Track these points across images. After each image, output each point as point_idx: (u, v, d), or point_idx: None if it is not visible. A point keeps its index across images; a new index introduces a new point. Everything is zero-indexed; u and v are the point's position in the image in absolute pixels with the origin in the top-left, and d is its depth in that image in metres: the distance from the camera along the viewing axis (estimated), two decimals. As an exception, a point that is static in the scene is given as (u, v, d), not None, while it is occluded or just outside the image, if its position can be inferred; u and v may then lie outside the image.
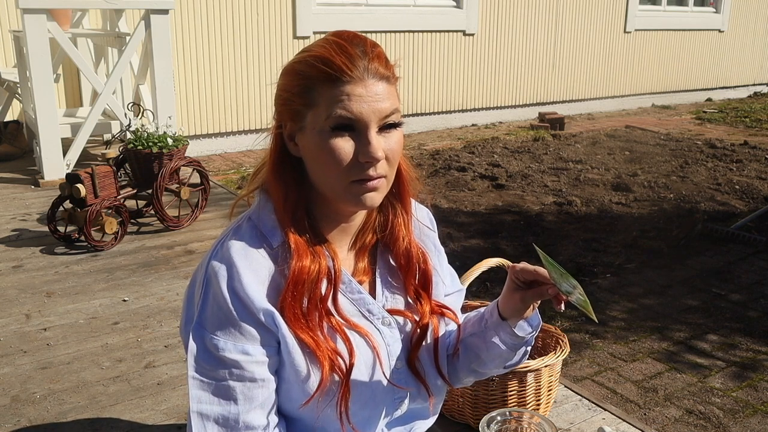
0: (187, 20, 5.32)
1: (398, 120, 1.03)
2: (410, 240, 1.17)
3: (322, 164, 1.01)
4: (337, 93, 0.98)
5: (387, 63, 1.02)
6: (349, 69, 0.97)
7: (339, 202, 1.06)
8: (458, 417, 1.83)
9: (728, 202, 4.79)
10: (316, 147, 1.01)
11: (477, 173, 5.29)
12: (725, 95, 9.96)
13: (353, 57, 0.98)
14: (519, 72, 7.52)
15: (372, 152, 0.99)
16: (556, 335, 1.86)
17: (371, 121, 0.99)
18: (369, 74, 0.99)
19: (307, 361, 1.04)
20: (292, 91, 1.03)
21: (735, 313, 3.13)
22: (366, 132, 0.99)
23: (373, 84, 0.99)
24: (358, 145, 0.99)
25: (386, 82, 1.01)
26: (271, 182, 1.07)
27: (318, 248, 1.06)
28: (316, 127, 1.00)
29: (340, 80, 0.98)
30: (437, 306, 1.20)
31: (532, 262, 1.12)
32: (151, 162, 3.42)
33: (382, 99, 1.00)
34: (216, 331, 1.01)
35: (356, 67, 0.98)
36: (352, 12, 6.21)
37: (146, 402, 2.01)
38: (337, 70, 0.97)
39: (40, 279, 2.89)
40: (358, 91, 0.98)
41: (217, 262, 1.02)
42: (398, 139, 1.04)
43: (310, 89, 1.00)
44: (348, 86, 0.98)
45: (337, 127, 0.98)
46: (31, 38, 3.99)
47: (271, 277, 1.03)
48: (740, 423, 2.32)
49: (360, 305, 1.12)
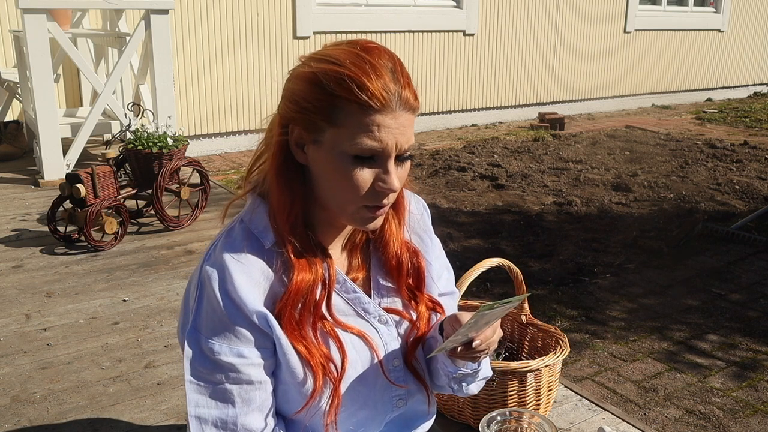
0: (187, 20, 5.32)
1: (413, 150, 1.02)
2: (401, 244, 1.16)
3: (335, 186, 1.00)
4: (366, 121, 0.94)
5: (415, 92, 0.99)
6: (384, 99, 0.94)
7: (343, 220, 1.06)
8: (458, 417, 1.83)
9: (728, 202, 4.79)
10: (333, 168, 0.98)
11: (477, 173, 5.29)
12: (725, 95, 9.96)
13: (387, 84, 0.94)
14: (519, 72, 7.52)
15: (391, 183, 0.98)
16: (556, 335, 1.86)
17: (393, 151, 0.97)
18: (400, 106, 0.96)
19: (302, 365, 1.04)
20: (312, 103, 0.97)
21: (735, 313, 3.13)
22: (386, 162, 0.98)
23: (401, 115, 0.96)
24: (377, 173, 0.98)
25: (413, 113, 0.99)
26: (274, 188, 1.04)
27: (315, 256, 1.06)
28: (336, 148, 0.97)
29: (373, 108, 0.94)
30: (429, 301, 1.19)
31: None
32: (151, 162, 3.42)
33: (407, 131, 0.98)
34: (211, 335, 1.01)
35: (391, 97, 0.94)
36: (352, 12, 6.20)
37: (146, 402, 2.01)
38: (371, 98, 0.93)
39: (40, 279, 2.89)
40: (388, 122, 0.95)
41: (209, 267, 1.02)
42: (408, 168, 1.03)
43: (336, 108, 0.95)
44: (379, 116, 0.94)
45: (360, 156, 0.97)
46: (31, 38, 3.99)
47: (264, 278, 1.03)
48: (740, 423, 2.31)
49: (356, 305, 1.12)
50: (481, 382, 1.24)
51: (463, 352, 1.07)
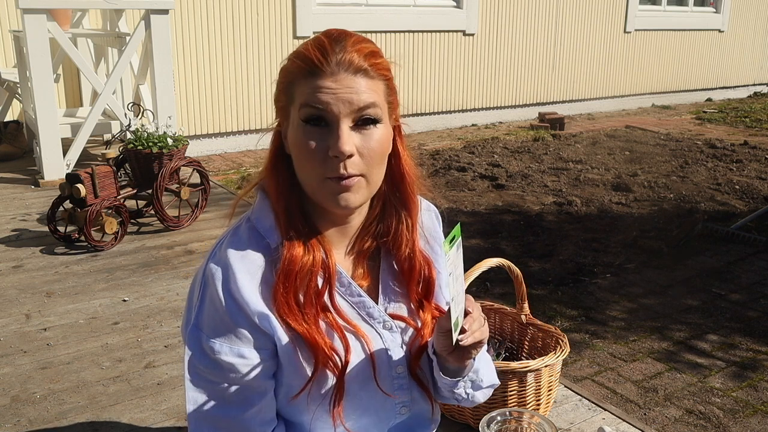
0: (187, 20, 5.32)
1: (377, 116, 0.99)
2: (414, 247, 1.14)
3: (297, 158, 1.02)
4: (309, 87, 0.97)
5: (369, 57, 0.99)
6: (320, 62, 0.97)
7: (318, 200, 1.03)
8: (458, 417, 1.83)
9: (728, 202, 4.79)
10: (293, 141, 1.01)
11: (477, 173, 5.29)
12: (725, 95, 9.96)
13: (328, 51, 0.97)
14: (519, 72, 7.51)
15: (339, 146, 0.96)
16: (556, 335, 1.86)
17: (341, 113, 0.96)
18: (342, 67, 0.97)
19: (300, 356, 1.03)
20: (279, 89, 1.04)
21: (735, 313, 3.13)
22: (336, 126, 0.97)
23: (345, 77, 0.97)
24: (329, 139, 0.97)
25: (364, 75, 0.98)
26: (267, 178, 1.08)
27: (312, 241, 1.05)
28: (294, 121, 1.00)
29: (314, 74, 0.97)
30: (436, 310, 1.17)
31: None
32: (151, 162, 3.42)
33: (356, 92, 0.97)
34: (212, 334, 1.01)
35: (328, 60, 0.97)
36: (352, 12, 6.20)
37: (146, 402, 2.01)
38: (309, 63, 0.97)
39: (40, 279, 2.89)
40: (328, 84, 0.96)
41: (214, 265, 1.02)
42: (379, 138, 1.00)
43: (291, 84, 1.01)
44: (319, 79, 0.97)
45: (307, 119, 0.98)
46: (31, 38, 3.99)
47: (268, 278, 1.02)
48: (740, 423, 2.31)
49: (360, 308, 1.10)
50: (488, 390, 1.21)
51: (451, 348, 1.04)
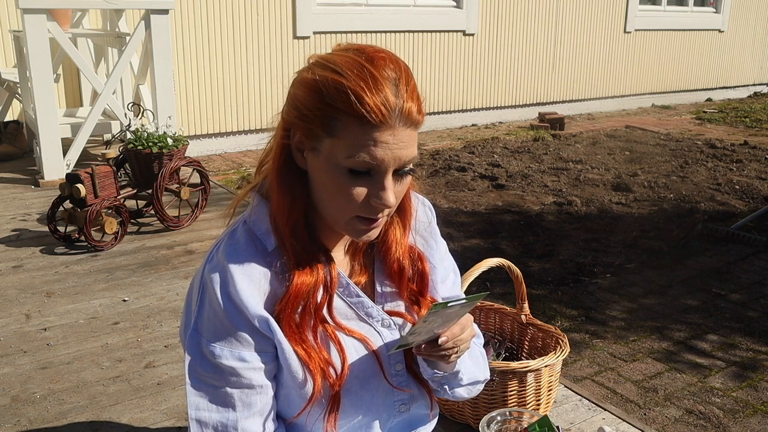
0: (187, 20, 5.32)
1: (413, 165, 0.98)
2: (404, 249, 1.14)
3: (330, 196, 0.98)
4: (363, 136, 0.92)
5: (420, 104, 0.96)
6: (382, 115, 0.91)
7: (337, 229, 1.03)
8: (458, 417, 1.83)
9: (728, 202, 4.79)
10: (328, 178, 0.96)
11: (477, 173, 5.29)
12: (725, 95, 9.96)
13: (388, 99, 0.91)
14: (519, 72, 7.51)
15: (386, 199, 0.95)
16: (556, 335, 1.86)
17: (390, 167, 0.95)
18: (401, 122, 0.93)
19: (303, 369, 1.04)
20: (312, 111, 0.95)
21: (735, 313, 3.13)
22: (382, 177, 0.95)
23: (401, 131, 0.93)
24: (372, 188, 0.95)
25: (415, 128, 0.96)
26: (274, 190, 1.03)
27: (316, 259, 1.04)
28: (332, 159, 0.95)
29: (370, 123, 0.91)
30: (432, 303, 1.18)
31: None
32: (151, 162, 3.42)
33: (407, 146, 0.94)
34: (212, 338, 1.01)
35: (390, 113, 0.91)
36: (352, 12, 6.20)
37: (146, 402, 2.01)
38: (369, 112, 0.90)
39: (40, 279, 2.89)
40: (386, 138, 0.92)
41: (212, 268, 1.02)
42: (408, 182, 1.01)
43: (334, 119, 0.93)
44: (376, 132, 0.91)
45: (355, 170, 0.94)
46: (31, 38, 3.99)
47: (266, 281, 1.02)
48: (740, 423, 2.32)
49: (359, 308, 1.11)
50: (472, 386, 1.21)
51: (429, 349, 1.05)
